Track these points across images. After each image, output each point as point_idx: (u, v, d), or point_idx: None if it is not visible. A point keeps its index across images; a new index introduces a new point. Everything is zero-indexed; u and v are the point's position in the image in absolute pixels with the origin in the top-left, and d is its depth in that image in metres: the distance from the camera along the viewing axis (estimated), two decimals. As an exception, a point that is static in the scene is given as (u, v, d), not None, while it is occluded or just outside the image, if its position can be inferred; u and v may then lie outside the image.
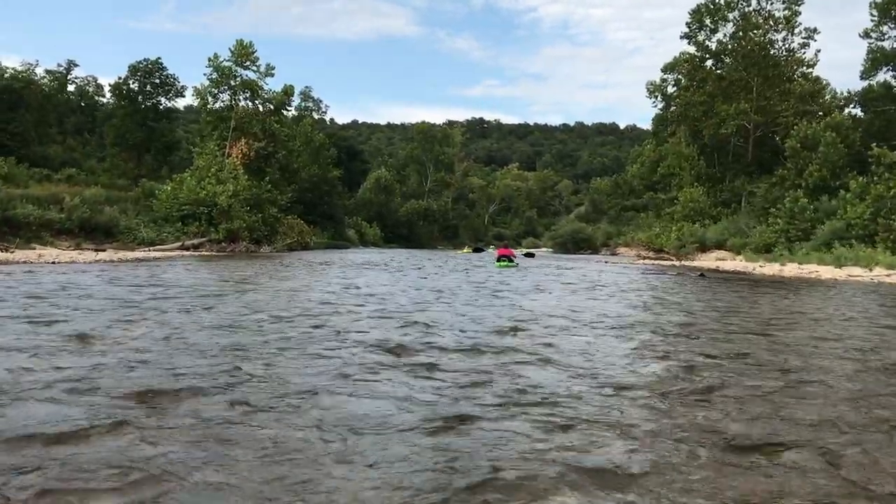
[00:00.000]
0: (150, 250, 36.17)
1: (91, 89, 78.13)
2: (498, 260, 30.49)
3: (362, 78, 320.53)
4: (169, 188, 43.80)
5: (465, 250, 66.51)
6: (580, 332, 9.01)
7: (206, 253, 37.76)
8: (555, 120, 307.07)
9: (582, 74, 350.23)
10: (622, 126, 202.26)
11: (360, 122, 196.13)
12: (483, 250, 64.82)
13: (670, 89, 69.34)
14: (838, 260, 26.64)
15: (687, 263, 37.84)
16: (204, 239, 41.38)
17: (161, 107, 67.04)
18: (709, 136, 55.87)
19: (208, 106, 49.32)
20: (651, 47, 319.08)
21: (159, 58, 65.64)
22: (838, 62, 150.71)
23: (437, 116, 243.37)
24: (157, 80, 66.84)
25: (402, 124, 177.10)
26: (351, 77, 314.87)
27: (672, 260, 43.70)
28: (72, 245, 33.71)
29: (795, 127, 45.24)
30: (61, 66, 73.30)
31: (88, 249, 30.78)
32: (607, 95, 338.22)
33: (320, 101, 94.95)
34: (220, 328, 8.11)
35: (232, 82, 48.62)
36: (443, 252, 62.90)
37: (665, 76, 68.97)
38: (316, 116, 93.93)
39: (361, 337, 7.81)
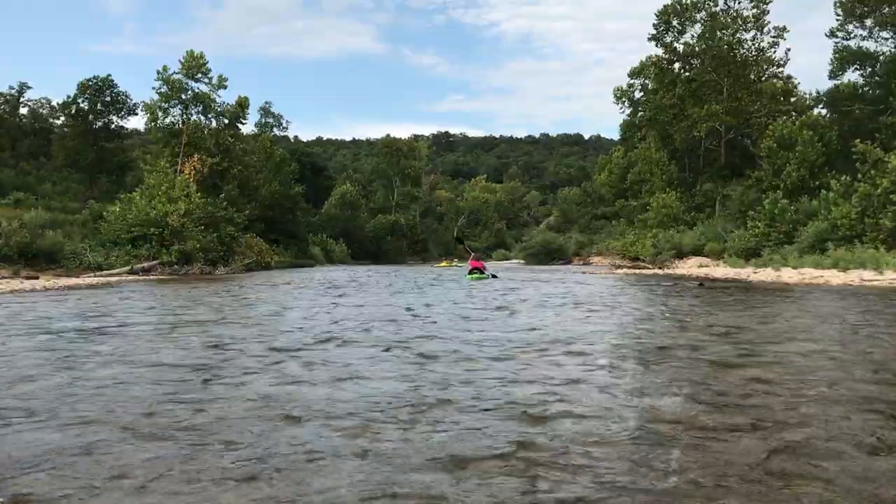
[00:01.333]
0: (94, 276, 33.62)
1: (45, 112, 75.05)
2: (469, 272, 30.40)
3: (327, 95, 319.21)
4: (117, 209, 41.22)
5: (443, 263, 64.36)
6: (607, 366, 7.03)
7: (155, 277, 35.22)
8: (521, 132, 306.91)
9: (546, 87, 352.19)
10: (587, 136, 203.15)
11: (325, 138, 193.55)
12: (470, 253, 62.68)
13: (637, 94, 68.21)
14: (837, 263, 24.84)
15: (670, 272, 36.01)
16: (155, 262, 38.82)
17: (113, 126, 64.38)
18: (680, 140, 54.49)
19: (158, 122, 46.74)
20: (613, 59, 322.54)
21: (109, 75, 62.99)
22: (798, 68, 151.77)
23: (403, 132, 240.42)
24: (108, 98, 64.17)
25: (368, 140, 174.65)
26: (316, 95, 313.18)
27: (650, 268, 41.97)
28: (9, 273, 31.16)
29: (770, 126, 43.90)
30: (13, 88, 70.35)
31: (21, 278, 28.19)
32: (571, 107, 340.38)
33: (281, 116, 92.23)
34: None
35: (183, 96, 46.10)
36: (413, 268, 60.28)
37: (632, 81, 67.85)
38: (278, 132, 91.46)
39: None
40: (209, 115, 47.66)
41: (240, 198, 58.89)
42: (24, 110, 72.32)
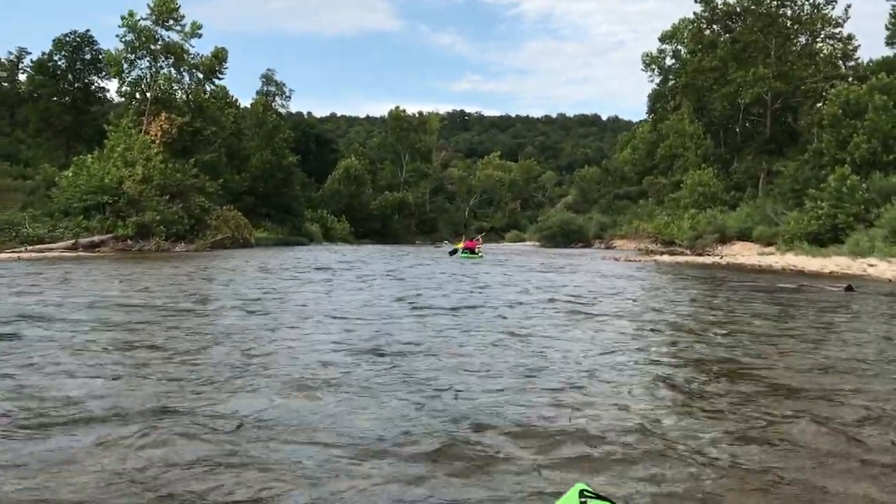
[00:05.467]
0: (25, 251, 28.03)
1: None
2: (463, 251, 34.37)
3: (343, 73, 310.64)
4: (70, 174, 35.50)
5: (460, 244, 57.85)
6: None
7: (100, 254, 29.54)
8: (537, 113, 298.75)
9: (565, 68, 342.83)
10: (604, 118, 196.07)
11: (338, 115, 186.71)
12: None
13: (669, 61, 61.81)
14: None
15: (731, 261, 29.79)
16: (108, 235, 33.09)
17: (93, 87, 58.40)
18: (720, 109, 48.03)
19: (124, 75, 40.73)
20: (633, 41, 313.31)
21: (88, 30, 56.82)
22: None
23: (419, 111, 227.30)
24: (88, 57, 58.16)
25: (382, 118, 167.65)
26: (332, 72, 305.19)
27: (688, 253, 35.88)
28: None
29: (833, 91, 37.46)
30: (12, 53, 64.54)
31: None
32: (590, 89, 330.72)
33: (283, 84, 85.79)
34: None
35: (152, 46, 40.00)
36: (425, 250, 53.40)
37: (663, 47, 61.42)
38: (280, 101, 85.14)
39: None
40: (181, 69, 41.48)
41: (226, 167, 53.15)
42: (22, 77, 66.66)
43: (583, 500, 2.51)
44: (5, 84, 64.44)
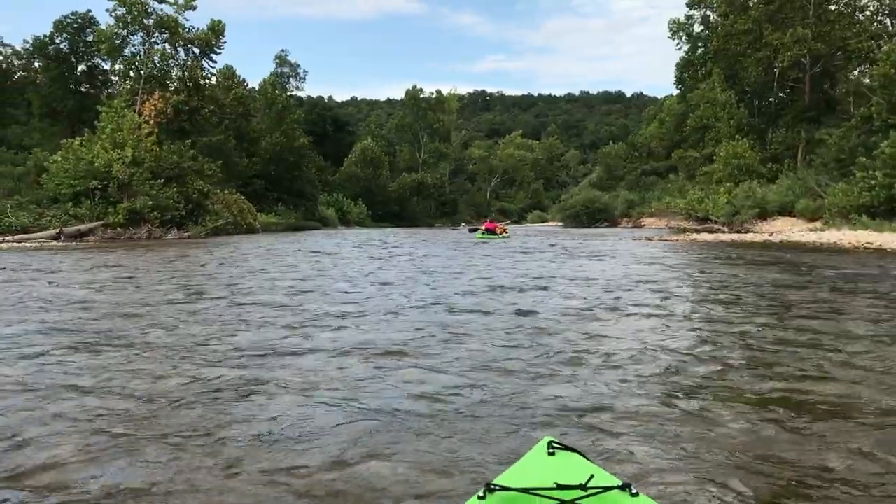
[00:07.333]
0: (2, 241, 25.87)
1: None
2: (482, 232, 34.15)
3: (364, 57, 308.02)
4: (59, 158, 33.26)
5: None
6: None
7: (85, 244, 27.27)
8: (560, 92, 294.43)
9: (587, 46, 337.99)
10: (628, 94, 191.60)
11: (359, 98, 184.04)
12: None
13: (697, 28, 58.32)
14: None
15: (786, 239, 26.72)
16: (99, 223, 30.83)
17: (97, 70, 56.25)
18: (755, 75, 44.77)
19: (117, 52, 38.35)
20: (657, 16, 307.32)
21: (89, 10, 54.53)
22: None
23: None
24: (90, 38, 55.91)
25: (402, 100, 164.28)
26: (352, 56, 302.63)
27: (725, 231, 32.94)
28: None
29: (883, 50, 34.19)
30: (27, 42, 62.19)
31: None
32: (613, 66, 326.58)
33: (297, 65, 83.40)
34: None
35: (144, 20, 37.51)
36: (443, 233, 49.49)
37: (690, 12, 57.85)
38: (294, 83, 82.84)
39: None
40: (176, 44, 38.95)
41: (235, 149, 51.00)
42: (38, 65, 64.14)
43: (551, 451, 2.57)
44: (23, 73, 62.40)
